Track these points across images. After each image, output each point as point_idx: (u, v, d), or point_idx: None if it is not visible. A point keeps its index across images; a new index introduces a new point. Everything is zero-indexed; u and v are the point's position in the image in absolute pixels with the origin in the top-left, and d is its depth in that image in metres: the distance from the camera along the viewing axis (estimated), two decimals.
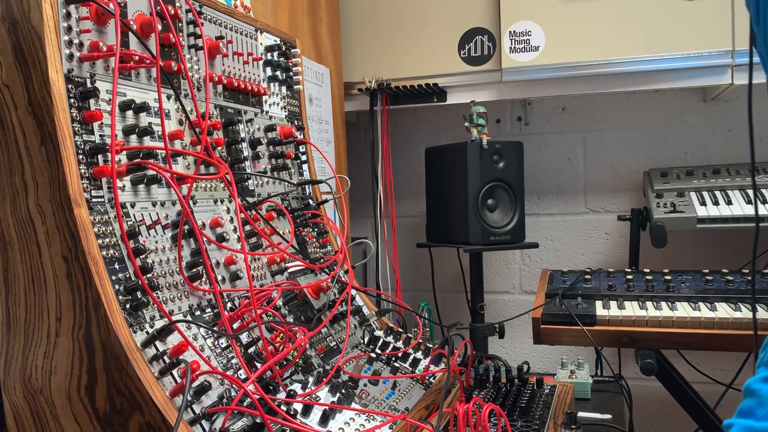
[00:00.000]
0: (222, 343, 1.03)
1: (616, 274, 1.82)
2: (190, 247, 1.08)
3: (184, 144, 1.14)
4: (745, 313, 1.46)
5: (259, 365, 1.04)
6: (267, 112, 1.44)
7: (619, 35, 2.03)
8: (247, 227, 1.25)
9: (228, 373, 0.99)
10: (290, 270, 1.34)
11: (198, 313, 1.05)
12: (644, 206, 2.06)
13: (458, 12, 2.21)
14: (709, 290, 1.62)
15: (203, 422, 0.89)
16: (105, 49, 0.95)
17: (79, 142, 0.91)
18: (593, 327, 1.53)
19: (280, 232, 1.35)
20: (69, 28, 0.92)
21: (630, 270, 1.88)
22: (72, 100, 0.91)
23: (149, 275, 0.96)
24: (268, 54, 1.45)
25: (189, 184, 1.10)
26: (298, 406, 1.01)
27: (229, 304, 1.12)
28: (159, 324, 0.94)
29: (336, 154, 2.15)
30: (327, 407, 1.03)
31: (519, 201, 2.07)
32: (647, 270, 1.82)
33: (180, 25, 1.16)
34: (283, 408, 0.97)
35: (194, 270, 1.05)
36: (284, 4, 1.87)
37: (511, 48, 2.11)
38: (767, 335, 0.77)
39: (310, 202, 1.53)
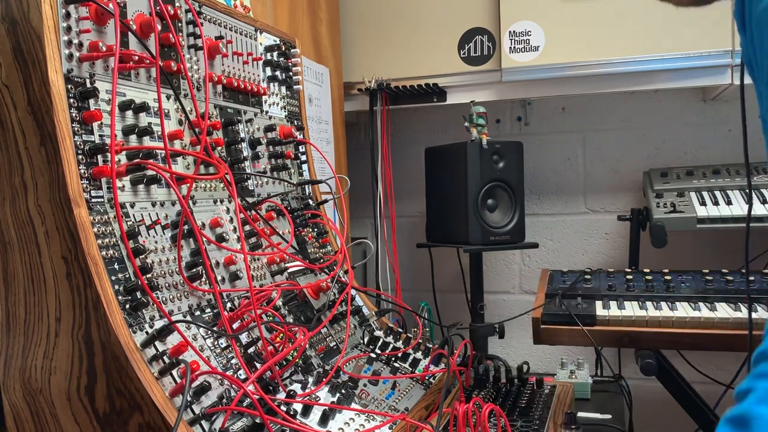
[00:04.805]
0: (222, 344, 1.03)
1: (616, 274, 1.82)
2: (189, 247, 1.08)
3: (183, 144, 1.14)
4: (745, 313, 1.46)
5: (258, 365, 1.04)
6: (267, 112, 1.44)
7: (619, 35, 2.03)
8: (247, 227, 1.25)
9: (228, 373, 0.99)
10: (290, 270, 1.33)
11: (198, 313, 1.05)
12: (644, 206, 2.06)
13: (458, 12, 2.21)
14: (709, 290, 1.62)
15: (203, 422, 0.89)
16: (104, 49, 0.95)
17: (78, 143, 0.91)
18: (593, 327, 1.53)
19: (280, 232, 1.35)
20: (68, 28, 0.92)
21: (630, 270, 1.88)
22: (71, 100, 0.91)
23: (149, 275, 0.96)
24: (268, 54, 1.45)
25: (188, 184, 1.10)
26: (297, 407, 1.01)
27: (228, 304, 1.12)
28: (159, 324, 0.94)
29: (336, 154, 2.15)
30: (327, 407, 1.03)
31: (519, 201, 2.07)
32: (647, 270, 1.82)
33: (179, 25, 1.16)
34: (283, 408, 0.97)
35: (194, 270, 1.05)
36: (284, 4, 1.87)
37: (511, 48, 2.11)
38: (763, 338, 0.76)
39: (310, 202, 1.53)
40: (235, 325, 1.08)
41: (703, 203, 1.91)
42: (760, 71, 0.79)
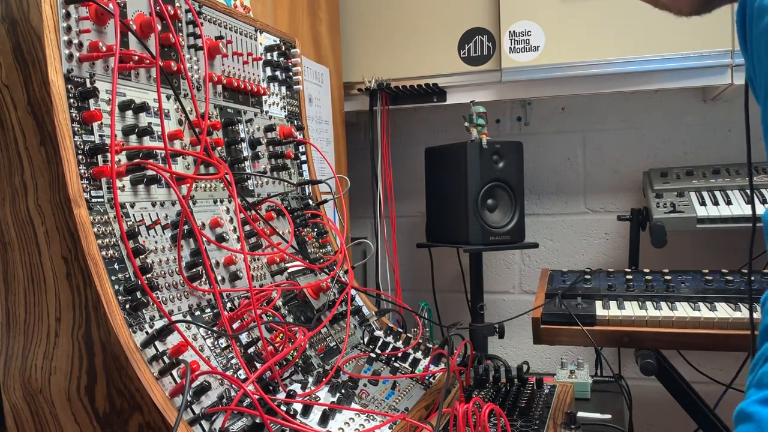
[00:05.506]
0: (222, 343, 1.03)
1: (615, 274, 1.82)
2: (189, 247, 1.08)
3: (183, 144, 1.14)
4: (744, 313, 1.46)
5: (258, 365, 1.04)
6: (267, 112, 1.44)
7: (619, 35, 2.03)
8: (247, 227, 1.25)
9: (228, 373, 0.99)
10: (290, 270, 1.33)
11: (198, 313, 1.05)
12: (644, 206, 2.06)
13: (458, 12, 2.21)
14: (708, 290, 1.62)
15: (203, 422, 0.89)
16: (104, 49, 0.95)
17: (78, 143, 0.91)
18: (593, 327, 1.53)
19: (280, 232, 1.35)
20: (68, 28, 0.92)
21: (630, 270, 1.88)
22: (71, 101, 0.91)
23: (149, 275, 0.96)
24: (268, 54, 1.45)
25: (188, 184, 1.10)
26: (297, 406, 1.01)
27: (228, 304, 1.12)
28: (159, 324, 0.94)
29: (336, 154, 2.15)
30: (327, 407, 1.03)
31: (519, 201, 2.07)
32: (647, 270, 1.82)
33: (179, 25, 1.16)
34: (283, 408, 0.97)
35: (194, 270, 1.05)
36: (284, 4, 1.87)
37: (510, 48, 2.11)
38: (754, 357, 0.76)
39: (310, 202, 1.53)
40: (235, 325, 1.08)
41: (703, 203, 1.91)
42: (760, 88, 0.79)
